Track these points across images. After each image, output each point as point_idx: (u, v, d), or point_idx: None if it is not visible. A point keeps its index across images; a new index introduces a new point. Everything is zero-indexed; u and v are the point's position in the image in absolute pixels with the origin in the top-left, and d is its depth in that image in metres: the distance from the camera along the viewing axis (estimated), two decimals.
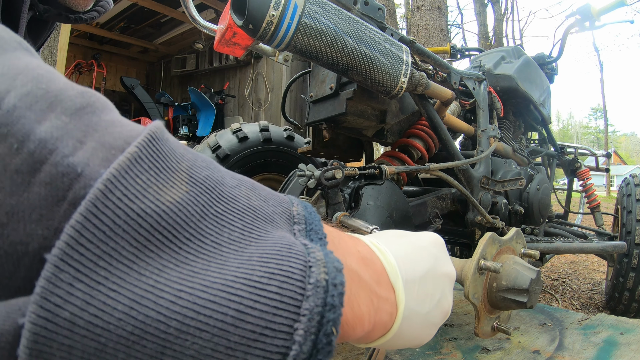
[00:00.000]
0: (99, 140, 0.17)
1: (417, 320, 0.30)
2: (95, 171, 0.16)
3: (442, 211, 1.06)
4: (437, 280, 0.33)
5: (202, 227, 0.18)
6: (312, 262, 0.18)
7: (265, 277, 0.17)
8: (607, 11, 1.47)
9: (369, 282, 0.26)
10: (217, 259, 0.17)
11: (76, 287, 0.14)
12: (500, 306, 0.57)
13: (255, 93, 5.01)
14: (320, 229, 0.22)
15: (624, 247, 1.29)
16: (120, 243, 0.15)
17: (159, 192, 0.17)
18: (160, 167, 0.17)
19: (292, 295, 0.17)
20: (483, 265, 0.53)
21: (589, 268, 2.61)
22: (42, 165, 0.15)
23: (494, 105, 1.21)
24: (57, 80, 0.18)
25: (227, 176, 0.21)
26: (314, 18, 0.66)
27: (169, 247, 0.16)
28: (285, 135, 1.35)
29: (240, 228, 0.19)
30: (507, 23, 12.20)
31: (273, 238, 0.19)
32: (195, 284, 0.16)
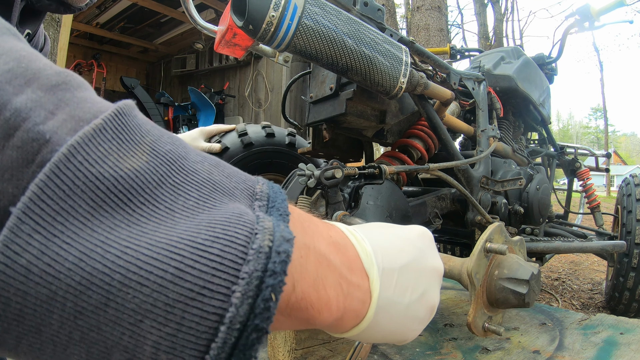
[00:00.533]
0: (69, 113, 0.18)
1: (396, 312, 0.30)
2: (62, 138, 0.17)
3: (441, 211, 1.06)
4: (421, 272, 0.32)
5: (158, 194, 0.19)
6: (258, 229, 0.19)
7: (210, 239, 0.18)
8: (607, 11, 1.48)
9: (339, 267, 0.26)
10: (168, 222, 0.18)
11: (34, 238, 0.16)
12: (498, 297, 0.57)
13: (255, 93, 5.01)
14: (283, 207, 0.23)
15: (624, 246, 1.29)
16: (77, 202, 0.17)
17: (118, 159, 0.18)
18: (123, 139, 0.19)
19: (233, 258, 0.18)
20: (489, 247, 0.53)
21: (589, 268, 2.61)
22: (15, 131, 0.17)
23: (494, 105, 1.21)
24: (37, 61, 0.20)
25: (191, 152, 0.22)
26: (314, 19, 0.66)
27: (123, 209, 0.18)
28: (287, 141, 1.35)
29: (195, 198, 0.20)
30: (507, 23, 12.21)
31: (227, 208, 0.20)
32: (141, 242, 0.17)
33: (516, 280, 0.54)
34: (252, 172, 1.17)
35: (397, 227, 0.34)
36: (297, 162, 1.32)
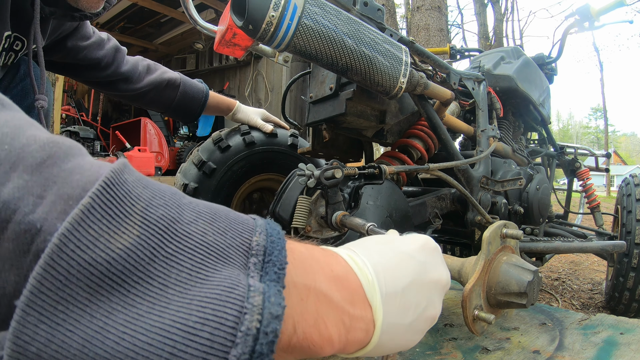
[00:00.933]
0: (57, 193, 0.19)
1: (398, 332, 0.30)
2: (53, 225, 0.18)
3: (441, 211, 1.06)
4: (423, 288, 0.32)
5: (151, 270, 0.19)
6: (247, 308, 0.19)
7: (200, 322, 0.18)
8: (607, 11, 1.48)
9: (340, 303, 0.26)
10: (161, 301, 0.19)
11: (40, 328, 0.17)
12: (500, 306, 0.57)
13: (255, 93, 5.01)
14: (279, 260, 0.23)
15: (624, 246, 1.29)
16: (74, 290, 0.17)
17: (109, 239, 0.18)
18: (112, 215, 0.19)
19: (222, 342, 0.18)
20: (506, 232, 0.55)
21: (589, 268, 2.61)
22: (7, 224, 0.18)
23: (494, 105, 1.21)
24: (20, 136, 0.20)
25: (185, 211, 0.22)
26: (314, 19, 0.66)
27: (118, 291, 0.18)
28: (289, 141, 1.35)
29: (188, 268, 0.20)
30: (507, 23, 12.21)
31: (219, 279, 0.20)
32: (137, 327, 0.18)
33: (514, 294, 0.55)
34: (253, 171, 1.16)
35: (398, 242, 0.34)
36: (298, 162, 1.33)
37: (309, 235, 0.73)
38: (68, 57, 1.06)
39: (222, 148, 1.25)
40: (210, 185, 1.25)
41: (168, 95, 1.26)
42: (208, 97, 1.32)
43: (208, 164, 1.23)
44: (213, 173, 1.24)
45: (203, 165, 1.23)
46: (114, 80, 1.16)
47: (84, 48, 1.06)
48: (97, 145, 4.81)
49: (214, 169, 1.24)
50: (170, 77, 1.25)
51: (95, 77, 1.13)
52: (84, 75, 1.12)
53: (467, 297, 0.52)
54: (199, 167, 1.24)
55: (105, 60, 1.11)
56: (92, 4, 0.83)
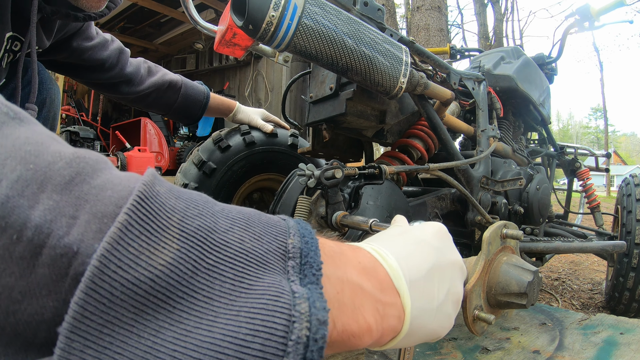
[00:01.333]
0: (91, 211, 0.18)
1: (428, 317, 0.31)
2: (90, 246, 0.17)
3: (441, 211, 1.06)
4: (443, 272, 0.33)
5: (194, 284, 0.19)
6: (295, 317, 0.19)
7: (250, 334, 0.18)
8: (607, 11, 1.48)
9: (373, 292, 0.27)
10: (208, 315, 0.18)
11: (87, 353, 0.16)
12: (500, 306, 0.57)
13: (255, 93, 5.02)
14: (315, 261, 0.23)
15: (624, 246, 1.29)
16: (119, 311, 0.17)
17: (150, 256, 0.18)
18: (150, 230, 0.19)
19: (274, 352, 0.18)
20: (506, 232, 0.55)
21: (589, 268, 2.61)
22: (42, 249, 0.17)
23: (494, 105, 1.21)
24: (44, 153, 0.19)
25: (220, 219, 0.22)
26: (314, 19, 0.66)
27: (163, 308, 0.18)
28: (289, 141, 1.35)
29: (231, 278, 0.20)
30: (507, 23, 12.21)
31: (263, 287, 0.20)
32: (187, 344, 0.17)
33: (514, 295, 0.55)
34: (253, 171, 1.16)
35: (413, 230, 0.35)
36: (298, 162, 1.32)
37: None
38: (72, 57, 1.05)
39: (222, 148, 1.25)
40: (211, 185, 1.25)
41: (169, 97, 1.25)
42: (209, 99, 1.32)
43: (208, 164, 1.23)
44: (213, 173, 1.24)
45: (203, 165, 1.23)
46: (116, 82, 1.15)
47: (88, 49, 1.06)
48: (97, 145, 4.81)
49: (214, 168, 1.24)
50: (171, 79, 1.25)
51: (99, 79, 1.12)
52: (87, 76, 1.12)
53: (467, 298, 0.52)
54: (199, 167, 1.24)
55: (109, 62, 1.11)
56: (93, 4, 0.83)
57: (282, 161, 1.34)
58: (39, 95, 1.00)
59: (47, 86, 1.04)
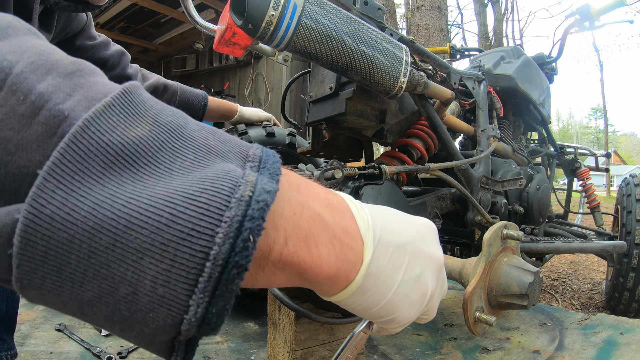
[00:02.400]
0: (84, 94, 0.22)
1: (386, 285, 0.30)
2: (78, 114, 0.21)
3: (441, 211, 1.06)
4: (418, 255, 0.32)
5: (158, 157, 0.22)
6: (242, 182, 0.22)
7: (199, 190, 0.21)
8: (607, 11, 1.47)
9: (333, 227, 0.27)
10: (166, 179, 0.21)
11: (56, 193, 0.19)
12: (501, 307, 0.57)
13: (255, 93, 5.02)
14: (274, 168, 0.25)
15: (624, 247, 1.29)
16: (91, 164, 0.20)
17: (125, 129, 0.21)
18: (129, 112, 0.22)
19: (217, 205, 0.20)
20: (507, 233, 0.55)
21: (589, 268, 2.61)
22: (40, 110, 0.21)
23: (494, 105, 1.21)
24: (55, 53, 0.24)
25: (191, 122, 0.25)
26: (314, 18, 0.66)
27: (128, 169, 0.21)
28: (287, 140, 1.35)
29: (191, 159, 0.23)
30: (507, 23, 12.21)
31: (218, 166, 0.23)
32: (142, 194, 0.20)
33: (515, 296, 0.54)
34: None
35: (402, 213, 0.35)
36: (297, 162, 1.32)
37: None
38: (76, 56, 1.06)
39: None
40: None
41: (166, 101, 1.26)
42: (207, 101, 1.32)
43: None
44: None
45: None
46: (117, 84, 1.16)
47: (91, 47, 1.07)
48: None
49: None
50: (166, 82, 1.26)
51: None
52: None
53: (468, 300, 0.52)
54: None
55: (111, 61, 1.12)
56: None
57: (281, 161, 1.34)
58: None
59: None
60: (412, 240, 0.32)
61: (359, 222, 0.29)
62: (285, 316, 0.81)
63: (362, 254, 0.29)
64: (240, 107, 1.38)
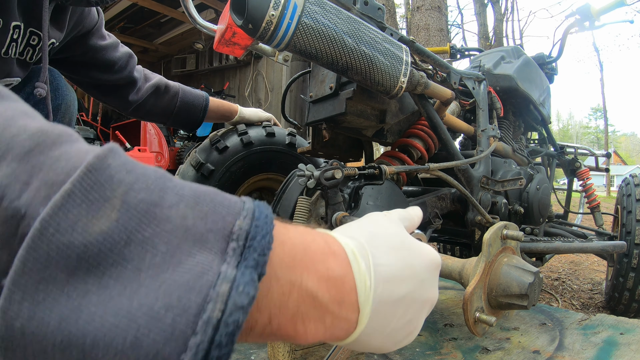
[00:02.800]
0: (43, 179, 0.20)
1: (376, 334, 0.30)
2: (36, 210, 0.19)
3: (442, 211, 1.06)
4: (413, 304, 0.32)
5: (126, 254, 0.20)
6: (211, 297, 0.20)
7: (164, 308, 0.19)
8: (607, 11, 1.47)
9: (326, 303, 0.26)
10: (133, 285, 0.19)
11: (23, 305, 0.18)
12: (501, 307, 0.57)
13: (255, 93, 5.02)
14: (261, 245, 0.22)
15: (624, 247, 1.29)
16: (54, 271, 0.19)
17: (87, 223, 0.19)
18: (92, 199, 0.20)
19: (183, 329, 0.19)
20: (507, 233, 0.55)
21: (589, 268, 2.61)
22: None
23: (494, 105, 1.21)
24: (11, 127, 0.21)
25: (168, 195, 0.22)
26: (314, 18, 0.66)
27: (94, 274, 0.19)
28: (287, 141, 1.35)
29: (163, 252, 0.20)
30: (507, 23, 12.21)
31: (192, 264, 0.20)
32: (107, 309, 0.19)
33: (515, 296, 0.54)
34: (252, 171, 1.16)
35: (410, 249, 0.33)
36: (297, 161, 1.32)
37: None
38: (87, 55, 1.06)
39: (220, 149, 1.24)
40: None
41: (168, 102, 1.25)
42: (209, 102, 1.32)
43: (206, 166, 1.23)
44: (211, 174, 1.24)
45: (201, 167, 1.23)
46: (122, 85, 1.15)
47: (102, 47, 1.07)
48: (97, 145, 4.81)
49: (212, 170, 1.23)
50: (167, 82, 1.25)
51: (108, 80, 1.12)
52: (97, 77, 1.11)
53: (468, 300, 0.52)
54: (197, 168, 1.23)
55: (119, 64, 1.11)
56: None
57: (281, 161, 1.34)
58: (54, 100, 1.00)
59: (63, 92, 1.04)
60: (411, 291, 0.32)
61: (360, 291, 0.28)
62: None
63: (355, 324, 0.28)
64: (241, 107, 1.38)
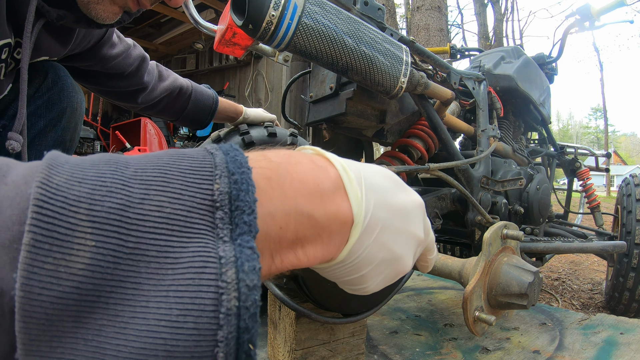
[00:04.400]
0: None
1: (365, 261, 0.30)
2: (10, 280, 0.17)
3: (442, 211, 1.06)
4: (402, 235, 0.32)
5: (120, 274, 0.18)
6: (222, 288, 0.19)
7: (182, 314, 0.19)
8: (607, 11, 1.47)
9: (322, 220, 0.26)
10: (140, 301, 0.19)
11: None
12: (500, 306, 0.57)
13: (255, 93, 5.02)
14: (247, 201, 0.21)
15: (624, 247, 1.29)
16: (60, 325, 0.17)
17: (68, 265, 0.18)
18: (60, 236, 0.18)
19: (207, 327, 0.19)
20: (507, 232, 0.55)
21: (589, 268, 2.61)
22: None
23: (494, 105, 1.21)
24: None
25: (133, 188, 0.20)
26: (314, 18, 0.66)
27: (99, 308, 0.18)
28: (289, 141, 1.35)
29: (155, 256, 0.19)
30: (507, 23, 12.21)
31: (188, 258, 0.19)
32: (128, 335, 0.18)
33: (515, 295, 0.54)
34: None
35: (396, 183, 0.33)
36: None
37: None
38: (97, 65, 1.01)
39: None
40: None
41: (180, 103, 1.23)
42: (217, 104, 1.31)
43: None
44: None
45: None
46: (133, 90, 1.11)
47: (114, 57, 1.01)
48: (97, 145, 4.81)
49: None
50: (182, 85, 1.22)
51: (117, 86, 1.08)
52: (105, 83, 1.07)
53: (468, 299, 0.52)
54: None
55: (130, 69, 1.07)
56: (106, 16, 0.74)
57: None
58: (59, 103, 0.96)
59: (69, 94, 0.98)
60: (400, 219, 0.31)
61: (352, 200, 0.28)
62: (286, 316, 0.81)
63: (348, 235, 0.28)
64: (245, 108, 1.38)
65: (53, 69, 0.95)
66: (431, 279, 1.69)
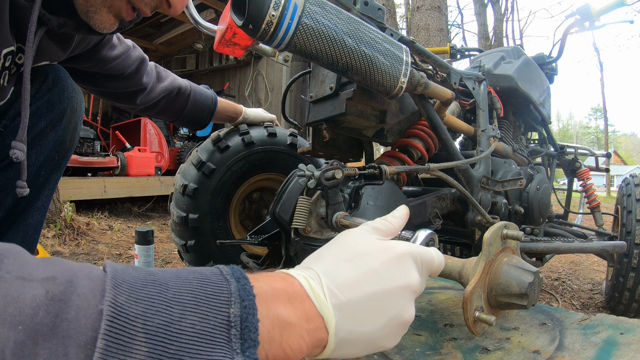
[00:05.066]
0: (76, 344, 0.23)
1: (360, 338, 0.35)
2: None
3: (442, 211, 1.06)
4: (387, 298, 0.36)
5: None
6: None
7: None
8: (607, 11, 1.47)
9: (299, 322, 0.32)
10: None
11: None
12: (500, 307, 0.57)
13: (255, 93, 5.02)
14: (253, 322, 0.28)
15: (624, 247, 1.29)
16: None
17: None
18: (123, 344, 0.24)
19: None
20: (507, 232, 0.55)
21: (589, 268, 2.61)
22: None
23: (494, 105, 1.21)
24: (24, 307, 0.23)
25: (173, 308, 0.27)
26: (314, 18, 0.66)
27: None
28: (288, 141, 1.35)
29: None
30: (507, 23, 12.22)
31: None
32: None
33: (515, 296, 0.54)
34: (253, 171, 1.16)
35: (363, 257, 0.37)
36: (297, 162, 1.32)
37: (309, 235, 0.73)
38: (97, 67, 1.02)
39: (221, 148, 1.25)
40: (210, 186, 1.25)
41: (179, 104, 1.23)
42: (217, 104, 1.30)
43: (207, 165, 1.23)
44: (212, 173, 1.24)
45: (202, 166, 1.23)
46: (132, 92, 1.11)
47: (113, 58, 1.02)
48: (97, 145, 4.80)
49: (213, 169, 1.24)
50: (180, 85, 1.22)
51: (116, 87, 1.08)
52: (104, 84, 1.07)
53: (468, 299, 0.52)
54: (198, 167, 1.24)
55: (129, 71, 1.07)
56: (104, 25, 0.75)
57: (282, 161, 1.34)
58: (59, 104, 0.96)
59: (70, 94, 0.99)
60: (378, 288, 0.36)
61: (315, 302, 0.33)
62: None
63: (326, 329, 0.33)
64: (245, 108, 1.37)
65: (53, 70, 0.95)
66: (431, 279, 1.69)
